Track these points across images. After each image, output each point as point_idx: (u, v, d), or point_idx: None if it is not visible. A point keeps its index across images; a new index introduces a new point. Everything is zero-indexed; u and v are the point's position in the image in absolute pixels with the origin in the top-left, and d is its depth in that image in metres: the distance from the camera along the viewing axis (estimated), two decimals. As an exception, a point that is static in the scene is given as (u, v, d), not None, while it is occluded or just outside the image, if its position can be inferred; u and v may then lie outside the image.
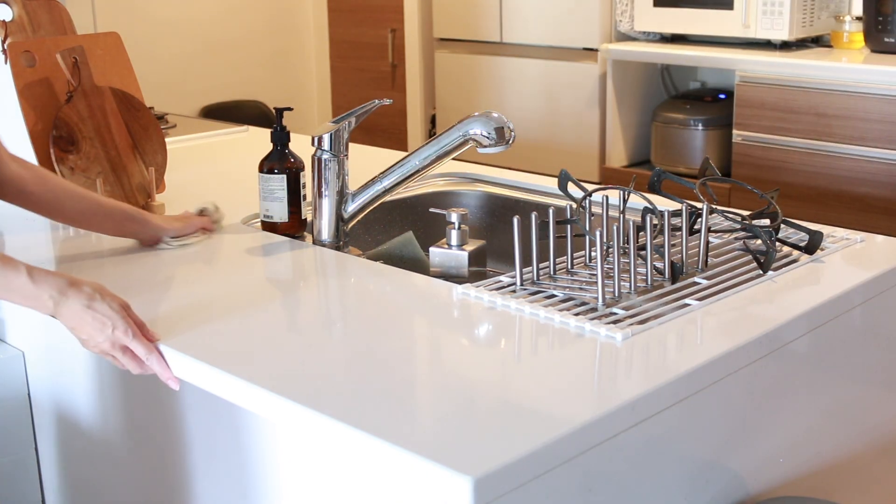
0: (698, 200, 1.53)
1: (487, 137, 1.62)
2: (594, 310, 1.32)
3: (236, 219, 1.79)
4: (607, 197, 1.63)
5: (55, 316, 1.24)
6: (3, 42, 1.81)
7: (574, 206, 1.53)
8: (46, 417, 1.62)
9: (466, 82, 4.33)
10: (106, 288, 1.26)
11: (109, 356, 1.24)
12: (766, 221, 1.60)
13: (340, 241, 1.71)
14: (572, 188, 1.64)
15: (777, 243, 1.53)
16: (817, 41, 3.68)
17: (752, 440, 1.33)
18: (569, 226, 1.49)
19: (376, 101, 1.71)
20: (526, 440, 1.00)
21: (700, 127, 3.69)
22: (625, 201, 1.59)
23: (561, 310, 1.32)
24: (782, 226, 1.57)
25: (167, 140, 1.96)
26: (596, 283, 1.34)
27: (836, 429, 1.52)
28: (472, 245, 1.73)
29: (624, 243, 1.45)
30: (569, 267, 1.48)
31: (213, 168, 2.24)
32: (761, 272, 1.45)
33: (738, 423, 1.30)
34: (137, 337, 1.23)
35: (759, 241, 1.52)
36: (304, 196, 1.72)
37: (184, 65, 4.71)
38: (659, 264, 1.42)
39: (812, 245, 1.53)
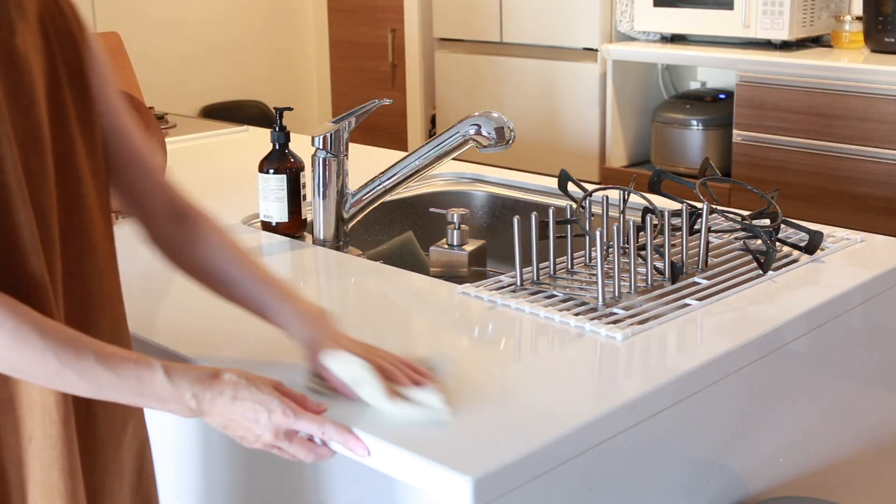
0: (698, 200, 1.53)
1: (487, 137, 1.62)
2: (594, 310, 1.32)
3: (236, 219, 1.79)
4: (607, 197, 1.62)
5: (199, 416, 1.04)
6: (3, 42, 1.80)
7: (574, 206, 1.53)
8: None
9: (466, 82, 4.33)
10: (249, 372, 1.06)
11: (275, 449, 1.04)
12: (766, 221, 1.60)
13: (340, 241, 1.71)
14: (572, 188, 1.64)
15: (777, 243, 1.53)
16: (817, 41, 3.67)
17: (752, 440, 1.33)
18: (569, 226, 1.49)
19: (376, 101, 1.71)
20: (526, 440, 1.00)
21: (700, 127, 3.69)
22: (625, 201, 1.59)
23: (561, 310, 1.32)
24: (782, 226, 1.57)
25: (167, 140, 1.96)
26: (596, 283, 1.34)
27: (836, 429, 1.52)
28: (472, 245, 1.73)
29: (624, 243, 1.45)
30: (569, 267, 1.48)
31: (213, 168, 2.25)
32: (761, 272, 1.45)
33: (737, 423, 1.30)
34: (301, 413, 1.03)
35: (759, 241, 1.52)
36: (304, 196, 1.72)
37: (184, 65, 4.71)
38: (659, 264, 1.42)
39: (812, 245, 1.53)
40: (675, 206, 1.56)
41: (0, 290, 0.97)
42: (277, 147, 1.71)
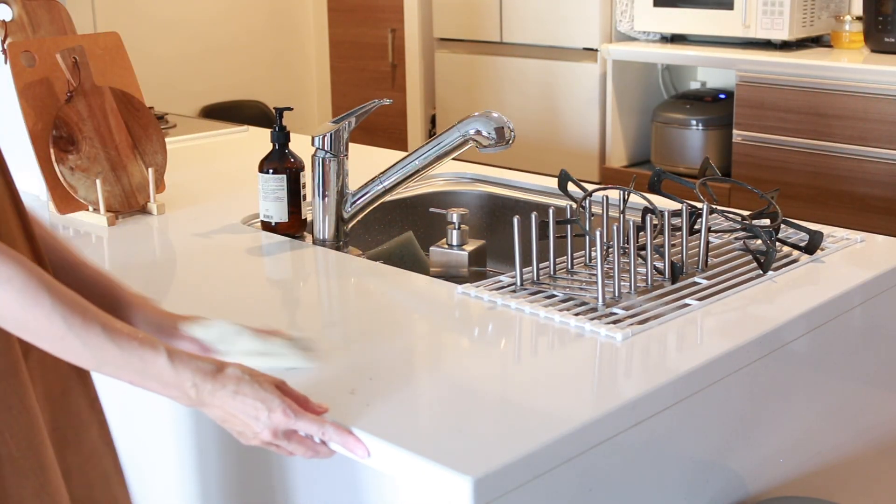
0: (698, 200, 1.53)
1: (487, 137, 1.62)
2: (594, 310, 1.32)
3: (236, 219, 1.79)
4: (607, 197, 1.63)
5: (199, 407, 1.04)
6: (3, 42, 1.80)
7: (574, 206, 1.53)
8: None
9: (466, 82, 4.33)
10: (251, 369, 1.06)
11: (272, 447, 1.04)
12: (766, 221, 1.60)
13: (340, 241, 1.71)
14: (572, 188, 1.64)
15: (777, 243, 1.53)
16: (817, 41, 3.68)
17: (752, 440, 1.33)
18: (569, 226, 1.49)
19: (376, 101, 1.71)
20: (526, 440, 1.00)
21: (700, 127, 3.69)
22: (625, 201, 1.59)
23: (561, 310, 1.32)
24: (782, 226, 1.57)
25: (167, 140, 1.96)
26: (596, 283, 1.34)
27: (836, 429, 1.52)
28: (472, 245, 1.73)
29: (624, 243, 1.45)
30: (569, 267, 1.48)
31: (213, 168, 2.24)
32: (761, 272, 1.45)
33: (737, 423, 1.30)
34: (301, 414, 1.03)
35: (759, 241, 1.52)
36: (304, 196, 1.72)
37: (184, 65, 4.71)
38: (659, 264, 1.42)
39: (812, 245, 1.53)
40: (675, 206, 1.56)
41: None
42: (277, 147, 1.71)
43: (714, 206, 1.55)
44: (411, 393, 1.14)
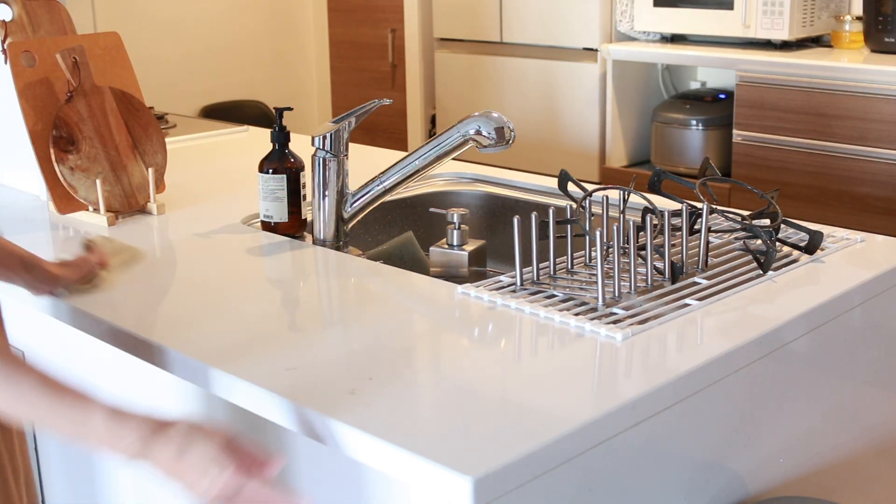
0: (698, 200, 1.53)
1: (487, 137, 1.62)
2: (594, 310, 1.32)
3: (236, 219, 1.79)
4: (607, 197, 1.63)
5: (146, 461, 1.01)
6: (3, 42, 1.81)
7: (574, 206, 1.53)
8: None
9: (466, 82, 4.33)
10: (201, 425, 1.02)
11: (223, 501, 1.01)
12: (766, 221, 1.60)
13: (340, 241, 1.71)
14: (572, 188, 1.64)
15: (777, 243, 1.53)
16: (817, 41, 3.68)
17: (752, 440, 1.33)
18: (569, 226, 1.49)
19: (376, 101, 1.71)
20: (526, 440, 1.00)
21: (700, 127, 3.69)
22: (625, 201, 1.59)
23: (561, 310, 1.32)
24: (782, 226, 1.57)
25: (167, 140, 1.96)
26: (596, 283, 1.34)
27: (836, 429, 1.52)
28: (472, 245, 1.73)
29: (624, 243, 1.45)
30: (569, 267, 1.48)
31: (213, 168, 2.25)
32: (761, 272, 1.45)
33: (738, 423, 1.30)
34: (252, 475, 1.00)
35: (759, 241, 1.52)
36: (304, 196, 1.72)
37: (184, 65, 4.71)
38: (659, 264, 1.42)
39: (812, 245, 1.53)
40: (675, 206, 1.56)
41: None
42: (277, 147, 1.71)
43: (714, 206, 1.56)
44: (411, 393, 1.14)
